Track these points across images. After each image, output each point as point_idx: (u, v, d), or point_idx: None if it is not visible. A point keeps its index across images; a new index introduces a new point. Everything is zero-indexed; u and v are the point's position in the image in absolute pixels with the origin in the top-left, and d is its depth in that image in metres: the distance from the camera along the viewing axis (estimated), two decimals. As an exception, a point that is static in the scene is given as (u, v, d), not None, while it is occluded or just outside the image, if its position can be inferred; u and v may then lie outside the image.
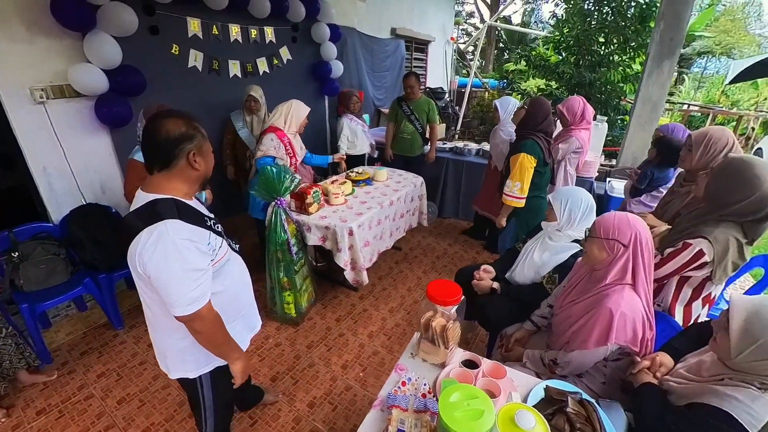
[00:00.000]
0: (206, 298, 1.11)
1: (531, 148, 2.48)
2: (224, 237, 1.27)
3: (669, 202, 2.06)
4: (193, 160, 1.12)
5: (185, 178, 1.15)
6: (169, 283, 1.04)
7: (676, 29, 3.43)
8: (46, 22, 2.28)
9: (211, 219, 1.21)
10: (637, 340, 1.34)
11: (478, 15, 15.26)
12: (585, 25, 5.79)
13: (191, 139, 1.11)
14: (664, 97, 3.69)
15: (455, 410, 0.90)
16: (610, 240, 1.36)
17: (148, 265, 1.03)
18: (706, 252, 1.46)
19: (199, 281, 1.08)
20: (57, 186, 2.56)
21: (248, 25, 3.47)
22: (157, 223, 1.03)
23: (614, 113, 5.90)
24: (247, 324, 1.48)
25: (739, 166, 1.43)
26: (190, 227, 1.08)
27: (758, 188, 1.36)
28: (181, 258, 1.03)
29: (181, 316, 1.09)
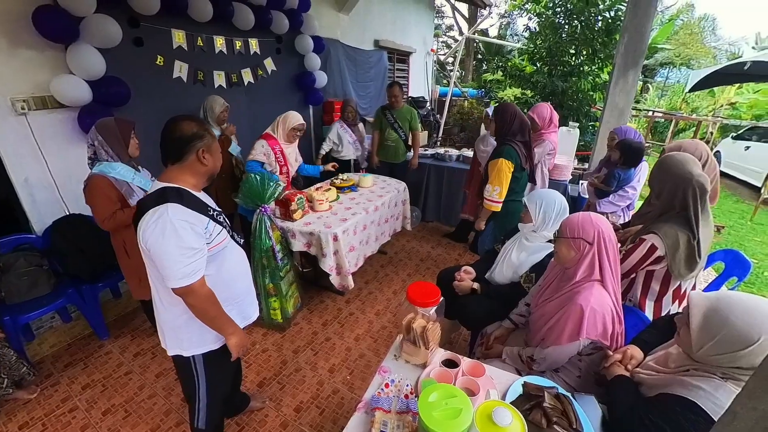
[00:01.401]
0: (199, 275, 1.18)
1: (509, 154, 2.49)
2: (225, 227, 1.34)
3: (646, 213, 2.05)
4: (202, 156, 1.25)
5: (194, 172, 1.27)
6: (164, 257, 1.13)
7: (638, 41, 3.53)
8: (27, 34, 2.21)
9: (214, 210, 1.32)
10: (608, 334, 1.36)
11: (457, 28, 15.46)
12: (556, 38, 5.93)
13: (201, 137, 1.24)
14: (630, 104, 3.79)
15: (434, 410, 0.89)
16: (576, 239, 1.39)
17: (149, 241, 1.13)
18: (657, 246, 1.55)
19: (192, 258, 1.16)
20: (39, 197, 2.46)
21: (233, 37, 3.43)
22: (160, 205, 1.14)
23: (585, 120, 6.04)
24: (242, 311, 1.48)
25: (664, 161, 1.64)
26: (190, 212, 1.18)
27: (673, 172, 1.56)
28: (177, 236, 1.12)
29: (175, 289, 1.17)
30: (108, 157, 1.87)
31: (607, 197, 2.76)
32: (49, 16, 2.18)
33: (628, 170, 2.68)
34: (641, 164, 2.73)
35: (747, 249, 4.27)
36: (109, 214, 1.86)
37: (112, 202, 1.87)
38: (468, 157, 4.19)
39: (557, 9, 5.96)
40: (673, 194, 1.57)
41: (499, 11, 14.98)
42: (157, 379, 2.20)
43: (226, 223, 1.37)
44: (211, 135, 1.28)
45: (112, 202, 1.86)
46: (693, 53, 15.19)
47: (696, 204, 1.52)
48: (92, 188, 1.85)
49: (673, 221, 1.56)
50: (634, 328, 1.56)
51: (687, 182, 1.52)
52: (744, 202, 6.23)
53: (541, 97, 6.01)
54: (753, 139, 7.32)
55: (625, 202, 2.73)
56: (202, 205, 1.26)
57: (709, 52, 16.73)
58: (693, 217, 1.52)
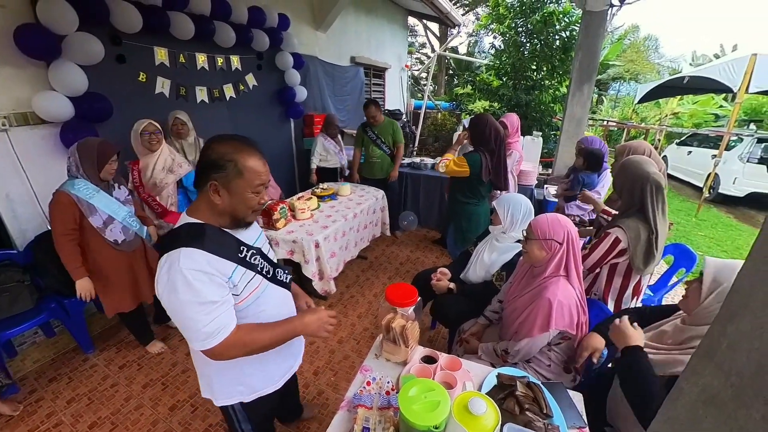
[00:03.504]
0: (226, 332, 0.94)
1: (472, 159, 2.53)
2: (262, 269, 1.08)
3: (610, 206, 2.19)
4: (213, 191, 0.96)
5: (210, 206, 0.99)
6: (181, 317, 0.91)
7: (591, 58, 3.71)
8: (8, 51, 2.12)
9: (250, 249, 1.05)
10: (574, 324, 1.40)
11: (429, 45, 15.77)
12: (519, 55, 6.16)
13: (220, 168, 0.94)
14: (586, 115, 3.95)
15: (414, 403, 0.90)
16: (547, 240, 1.42)
17: (162, 295, 0.92)
18: (621, 239, 1.61)
19: (213, 315, 0.92)
20: (21, 212, 2.34)
21: (215, 54, 3.39)
22: (172, 252, 0.91)
23: (548, 129, 6.27)
24: (284, 360, 1.25)
25: (622, 163, 1.74)
26: (209, 257, 0.93)
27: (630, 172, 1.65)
28: (192, 290, 0.89)
29: (202, 351, 0.95)
30: (78, 173, 1.85)
31: (574, 201, 2.86)
32: (30, 34, 2.09)
33: (591, 175, 2.80)
34: (605, 171, 2.84)
35: (693, 243, 4.50)
36: (61, 232, 1.83)
37: (69, 219, 1.83)
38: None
39: (519, 29, 6.20)
40: (632, 192, 1.64)
41: (468, 30, 15.37)
42: (144, 390, 2.12)
43: (264, 262, 1.10)
44: (235, 169, 0.95)
45: (67, 219, 1.83)
46: (640, 69, 16.03)
47: (653, 200, 1.59)
48: (53, 203, 1.83)
49: (635, 216, 1.62)
50: (596, 317, 1.63)
51: (644, 180, 1.60)
52: (689, 200, 6.58)
53: (508, 108, 6.20)
54: (694, 144, 7.76)
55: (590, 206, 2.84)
56: (232, 245, 1.00)
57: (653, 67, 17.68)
58: (651, 212, 1.59)
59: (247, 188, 0.97)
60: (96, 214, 1.90)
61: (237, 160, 0.95)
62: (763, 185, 6.03)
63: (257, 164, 0.98)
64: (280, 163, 4.56)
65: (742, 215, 5.95)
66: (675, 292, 3.33)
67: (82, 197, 1.84)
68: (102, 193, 1.91)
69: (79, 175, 1.85)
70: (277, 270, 1.17)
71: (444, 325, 2.23)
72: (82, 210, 1.85)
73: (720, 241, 4.71)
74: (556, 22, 5.61)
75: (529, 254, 1.50)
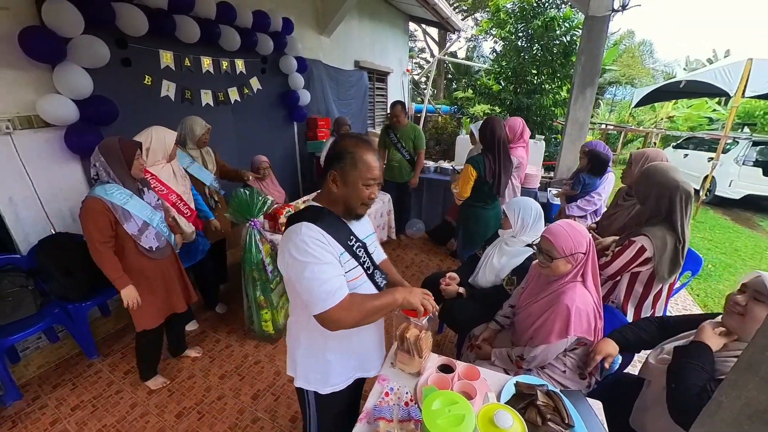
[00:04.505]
0: (342, 293, 0.99)
1: (476, 162, 2.57)
2: (365, 264, 1.13)
3: (613, 214, 2.12)
4: (330, 180, 1.06)
5: (329, 194, 1.09)
6: (303, 278, 0.97)
7: (593, 63, 3.69)
8: (13, 55, 2.06)
9: (359, 242, 1.12)
10: (591, 330, 1.36)
11: (428, 50, 15.79)
12: (520, 59, 6.14)
13: (340, 159, 1.04)
14: (588, 118, 3.93)
15: (438, 418, 0.85)
16: (573, 254, 1.35)
17: (286, 263, 1.00)
18: (647, 247, 1.54)
19: (331, 274, 0.98)
20: (24, 216, 2.28)
21: (219, 58, 3.34)
22: (295, 225, 1.02)
23: (549, 132, 6.24)
24: (361, 364, 1.26)
25: (647, 169, 1.66)
26: (325, 233, 1.02)
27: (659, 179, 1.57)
28: (311, 253, 0.97)
29: (319, 314, 0.98)
30: (109, 178, 1.72)
31: (575, 201, 2.84)
32: (35, 37, 2.05)
33: (594, 178, 2.78)
34: (607, 174, 2.84)
35: (692, 245, 4.45)
36: (100, 241, 1.69)
37: (105, 227, 1.69)
38: (444, 169, 4.24)
39: (520, 34, 6.18)
40: (660, 200, 1.57)
41: (467, 35, 15.38)
42: (149, 396, 2.06)
43: (367, 258, 1.15)
44: (352, 161, 1.03)
45: (104, 226, 1.69)
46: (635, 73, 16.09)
47: (682, 209, 1.53)
48: (86, 211, 1.68)
49: (661, 225, 1.56)
50: (609, 322, 1.59)
51: (674, 189, 1.53)
52: (687, 203, 6.56)
53: (509, 112, 6.18)
54: (690, 147, 7.77)
55: (591, 207, 2.82)
56: (344, 231, 1.08)
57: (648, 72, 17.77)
58: (679, 221, 1.53)
59: (359, 180, 1.05)
60: (131, 220, 1.76)
61: (354, 153, 1.04)
62: (758, 187, 6.03)
63: (371, 159, 1.05)
64: (284, 167, 4.51)
65: (738, 217, 5.94)
66: (679, 296, 3.32)
67: (116, 203, 1.71)
68: (135, 197, 1.79)
69: (110, 180, 1.73)
70: (376, 271, 1.20)
71: (453, 329, 2.19)
72: (117, 216, 1.71)
73: (718, 243, 4.69)
74: (556, 27, 5.60)
75: (552, 270, 1.40)
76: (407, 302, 1.10)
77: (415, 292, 1.13)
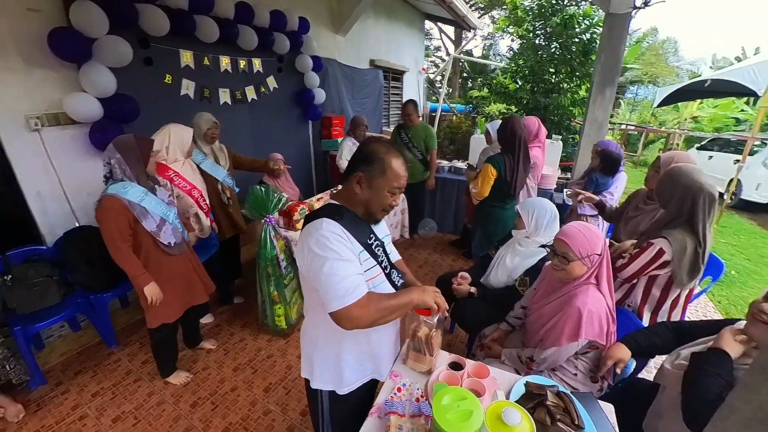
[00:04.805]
0: (360, 291, 0.97)
1: (496, 161, 2.57)
2: (382, 263, 1.13)
3: (634, 218, 2.06)
4: (355, 181, 1.06)
5: (350, 194, 1.09)
6: (322, 274, 0.96)
7: (614, 61, 3.61)
8: (42, 54, 2.17)
9: (377, 240, 1.12)
10: (603, 334, 1.35)
11: (444, 49, 15.72)
12: (537, 58, 6.04)
13: (369, 163, 1.04)
14: (607, 118, 3.85)
15: (447, 412, 0.87)
16: (589, 256, 1.34)
17: (305, 259, 1.00)
18: (666, 250, 1.50)
19: (350, 271, 0.97)
20: (51, 209, 2.40)
21: (237, 57, 3.42)
22: (315, 221, 1.02)
23: (566, 132, 6.14)
24: (377, 368, 1.25)
25: (670, 171, 1.61)
26: (345, 230, 1.02)
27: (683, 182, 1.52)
28: (332, 249, 0.96)
29: (335, 312, 0.96)
30: (124, 176, 1.72)
31: None
32: (63, 38, 2.14)
33: (606, 177, 2.77)
34: (619, 174, 2.81)
35: (714, 250, 4.32)
36: (121, 239, 1.70)
37: (125, 225, 1.70)
38: (459, 168, 4.22)
39: (537, 32, 6.09)
40: (682, 202, 1.53)
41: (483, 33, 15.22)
42: (166, 386, 2.13)
43: (384, 257, 1.15)
44: (382, 167, 1.03)
45: (124, 224, 1.70)
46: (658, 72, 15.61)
47: (704, 212, 1.49)
48: (104, 210, 1.67)
49: (681, 228, 1.52)
50: (623, 325, 1.57)
51: (698, 191, 1.49)
52: (711, 207, 6.35)
53: (525, 112, 6.10)
54: (714, 149, 7.51)
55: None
56: (364, 230, 1.09)
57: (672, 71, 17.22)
58: (701, 224, 1.49)
59: (385, 186, 1.06)
60: (149, 217, 1.77)
61: (385, 160, 1.04)
62: (788, 191, 5.80)
63: (400, 169, 1.06)
64: (299, 165, 4.57)
65: (765, 222, 5.72)
66: (699, 303, 3.22)
67: (134, 201, 1.71)
68: (150, 195, 1.79)
69: (125, 177, 1.72)
70: (393, 270, 1.20)
71: (464, 329, 2.19)
72: (135, 214, 1.72)
73: (743, 249, 4.53)
74: (576, 25, 5.50)
75: (568, 273, 1.39)
76: (422, 301, 1.10)
77: (428, 290, 1.13)
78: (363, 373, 1.23)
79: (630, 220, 2.11)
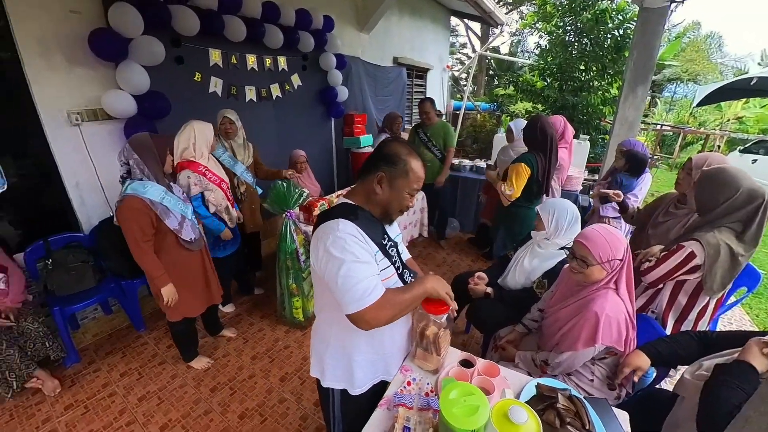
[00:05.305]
0: (378, 292, 0.97)
1: (529, 161, 2.53)
2: (395, 263, 1.14)
3: (663, 223, 1.96)
4: (377, 181, 1.06)
5: (367, 193, 1.09)
6: (339, 276, 0.95)
7: (647, 58, 3.47)
8: (83, 54, 2.32)
9: (391, 241, 1.13)
10: (621, 340, 1.32)
11: (470, 45, 15.50)
12: (567, 55, 5.87)
13: (391, 163, 1.05)
14: (639, 118, 3.71)
15: (454, 407, 0.88)
16: (610, 261, 1.31)
17: (320, 262, 0.99)
18: (697, 254, 1.42)
19: (368, 273, 0.97)
20: (88, 199, 2.56)
21: (263, 55, 3.52)
22: (330, 221, 1.01)
23: (595, 132, 5.94)
24: (386, 367, 1.24)
25: (717, 172, 1.49)
26: (361, 231, 1.01)
27: (738, 185, 1.40)
28: (349, 251, 0.96)
29: (353, 314, 0.97)
30: (143, 175, 1.73)
31: (610, 203, 2.73)
32: (102, 38, 2.28)
33: (631, 179, 2.70)
34: (644, 175, 2.73)
35: (755, 260, 4.10)
36: (143, 239, 1.72)
37: (147, 225, 1.73)
38: (481, 168, 4.18)
39: (567, 28, 5.91)
40: (736, 208, 1.42)
41: (510, 30, 14.89)
42: (188, 370, 2.25)
43: (398, 260, 1.17)
44: (405, 169, 1.05)
45: (146, 224, 1.72)
46: (700, 69, 14.75)
47: (754, 219, 1.40)
48: (126, 209, 1.68)
49: (718, 231, 1.43)
50: (644, 332, 1.52)
51: (759, 197, 1.39)
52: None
53: (552, 111, 5.94)
54: (760, 152, 7.07)
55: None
56: (378, 230, 1.08)
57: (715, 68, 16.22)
58: (756, 232, 1.40)
59: (406, 187, 1.07)
60: (170, 215, 1.80)
61: (408, 162, 1.06)
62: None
63: (421, 171, 1.08)
64: (320, 161, 4.66)
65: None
66: (734, 315, 3.06)
67: (155, 199, 1.73)
68: (169, 193, 1.81)
69: (144, 177, 1.74)
70: (405, 270, 1.21)
71: (479, 329, 2.19)
72: (158, 213, 1.74)
73: (788, 260, 4.26)
74: (608, 20, 5.30)
75: (586, 277, 1.36)
76: (435, 291, 1.10)
77: (440, 281, 1.14)
78: (374, 374, 1.24)
79: (659, 225, 2.01)
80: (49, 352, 2.07)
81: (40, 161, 2.39)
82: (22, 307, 2.04)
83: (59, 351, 2.12)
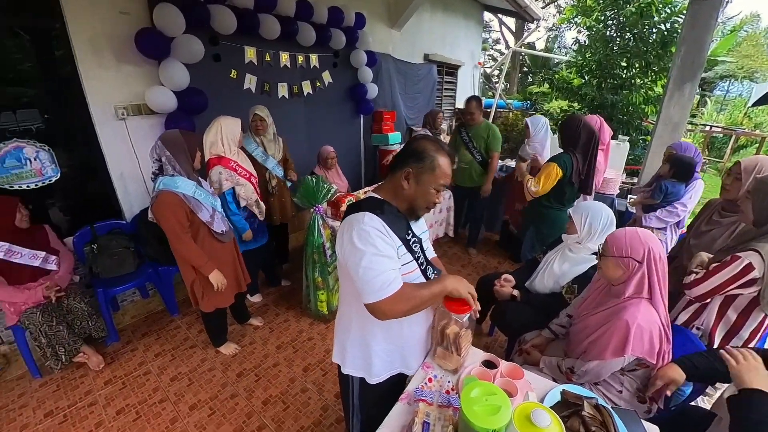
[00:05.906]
0: (396, 285, 1.02)
1: (563, 161, 2.47)
2: (419, 259, 1.16)
3: (707, 232, 1.84)
4: (404, 176, 1.08)
5: (395, 189, 1.11)
6: (360, 267, 0.99)
7: (697, 53, 3.27)
8: (130, 52, 2.48)
9: (415, 236, 1.15)
10: (654, 352, 1.27)
11: (503, 41, 15.11)
12: (607, 50, 5.61)
13: (419, 159, 1.07)
14: (685, 119, 3.50)
15: (475, 405, 0.89)
16: (624, 257, 1.29)
17: (345, 250, 1.04)
18: (756, 266, 1.31)
19: (388, 266, 1.01)
20: (131, 189, 2.74)
21: (296, 53, 3.61)
22: (357, 213, 1.04)
23: (636, 133, 5.65)
24: (404, 359, 1.26)
25: None
26: (385, 225, 1.04)
27: None
28: (372, 243, 1.00)
29: (370, 304, 1.02)
30: (174, 171, 1.80)
31: (654, 212, 2.55)
32: (147, 37, 2.43)
33: (678, 185, 2.47)
34: (695, 181, 2.49)
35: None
36: (183, 231, 1.81)
37: (184, 217, 1.81)
38: (510, 167, 4.09)
39: (609, 22, 5.65)
40: None
41: (547, 24, 14.39)
42: (217, 355, 2.36)
43: (421, 254, 1.18)
44: (432, 165, 1.06)
45: (183, 217, 1.81)
46: (758, 66, 13.65)
47: None
48: (162, 204, 1.76)
49: None
50: (681, 347, 1.44)
51: None
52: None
53: (589, 109, 5.71)
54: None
55: (673, 219, 2.49)
56: (403, 226, 1.10)
57: (777, 64, 14.96)
58: None
59: (433, 183, 1.09)
60: (203, 208, 1.89)
61: (435, 158, 1.07)
62: None
63: (448, 168, 1.10)
64: (349, 158, 4.72)
65: None
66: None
67: (188, 194, 1.82)
68: (199, 187, 1.91)
69: (176, 173, 1.81)
70: (429, 267, 1.22)
71: (503, 332, 2.16)
72: (191, 207, 1.83)
73: None
74: (654, 13, 5.01)
75: (604, 272, 1.37)
76: (455, 290, 1.12)
77: (462, 280, 1.15)
78: (392, 365, 1.26)
79: (703, 234, 1.87)
80: (91, 331, 2.25)
81: (89, 153, 2.58)
82: (70, 287, 2.22)
83: (101, 330, 2.29)
